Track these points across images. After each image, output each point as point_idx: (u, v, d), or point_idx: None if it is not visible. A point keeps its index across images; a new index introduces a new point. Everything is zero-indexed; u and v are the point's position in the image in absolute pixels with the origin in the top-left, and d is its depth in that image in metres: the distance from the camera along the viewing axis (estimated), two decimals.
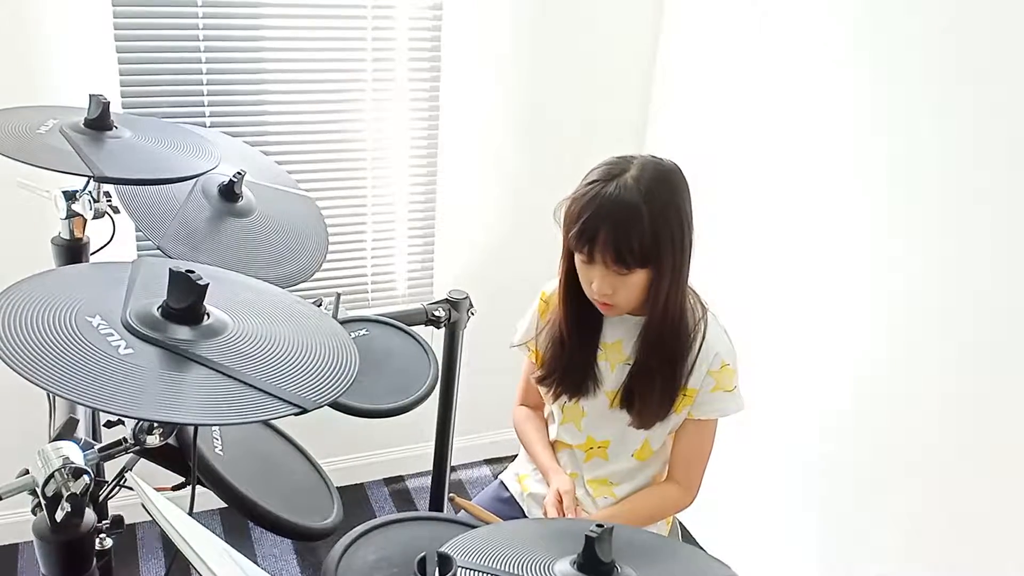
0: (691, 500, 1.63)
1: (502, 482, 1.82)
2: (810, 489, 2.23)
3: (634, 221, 1.35)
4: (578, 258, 1.45)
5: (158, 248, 1.29)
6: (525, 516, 1.73)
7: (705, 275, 1.59)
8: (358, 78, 2.43)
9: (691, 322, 1.51)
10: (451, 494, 1.72)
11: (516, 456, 1.85)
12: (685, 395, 1.54)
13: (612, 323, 1.57)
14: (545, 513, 1.56)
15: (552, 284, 1.64)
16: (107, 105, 1.35)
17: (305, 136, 2.45)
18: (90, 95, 1.36)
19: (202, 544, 0.86)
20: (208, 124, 2.30)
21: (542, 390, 1.67)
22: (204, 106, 2.29)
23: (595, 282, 1.43)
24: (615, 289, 1.43)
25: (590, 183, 1.40)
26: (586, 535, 0.90)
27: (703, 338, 1.51)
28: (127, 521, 1.08)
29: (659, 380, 1.51)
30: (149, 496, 0.90)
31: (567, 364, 1.58)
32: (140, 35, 2.19)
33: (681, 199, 1.42)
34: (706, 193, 2.40)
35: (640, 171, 1.39)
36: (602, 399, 1.59)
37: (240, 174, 1.43)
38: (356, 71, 2.42)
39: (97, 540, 1.05)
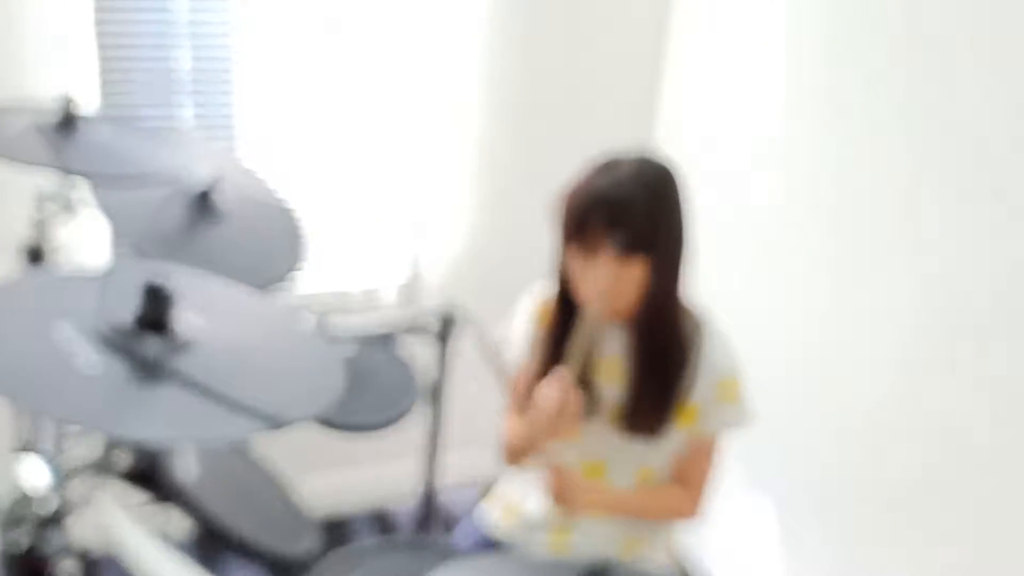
0: (696, 511, 1.61)
1: (482, 516, 1.76)
2: (816, 512, 2.19)
3: (631, 205, 1.36)
4: (573, 255, 1.43)
5: (132, 253, 1.27)
6: (509, 550, 1.67)
7: (713, 282, 1.56)
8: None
9: (689, 333, 1.49)
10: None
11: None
12: (687, 409, 1.51)
13: (607, 339, 1.54)
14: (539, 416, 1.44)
15: (543, 295, 1.60)
16: (81, 105, 1.34)
17: (288, 141, 2.41)
18: (64, 94, 1.35)
19: (170, 571, 0.81)
20: (188, 127, 2.26)
21: None
22: (185, 107, 2.25)
23: (591, 276, 1.41)
24: (611, 283, 1.40)
25: (585, 175, 1.41)
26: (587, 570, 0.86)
27: (704, 350, 1.48)
28: (93, 545, 1.03)
29: (655, 388, 1.49)
30: (115, 520, 0.86)
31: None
32: (121, 33, 2.15)
33: (677, 192, 1.43)
34: (710, 199, 2.37)
35: (637, 163, 1.40)
36: (600, 416, 1.56)
37: (218, 179, 1.40)
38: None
39: (60, 565, 1.01)
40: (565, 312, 1.52)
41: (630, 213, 1.35)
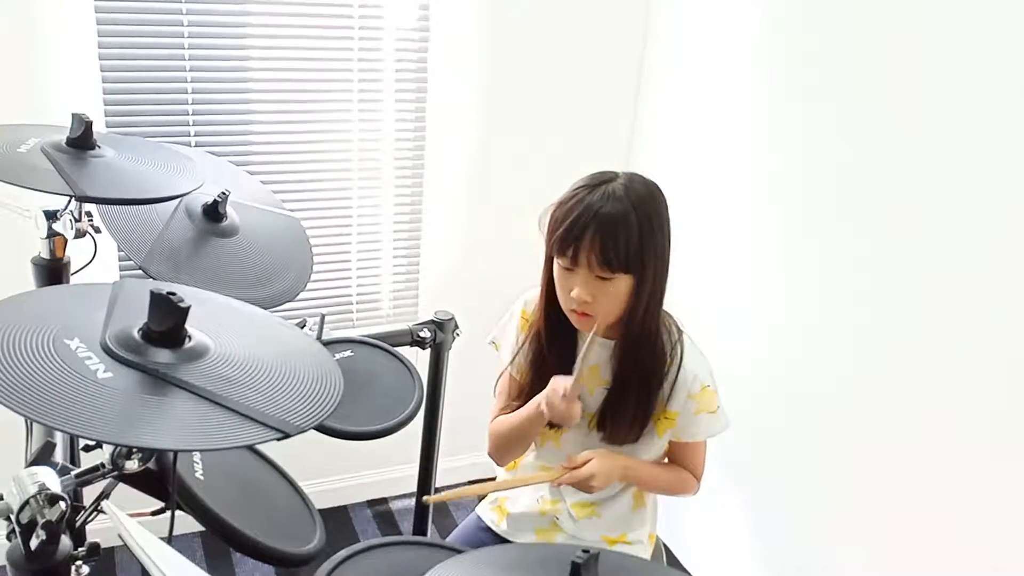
0: (698, 488, 1.66)
1: (479, 516, 1.80)
2: (797, 511, 2.22)
3: (622, 223, 1.38)
4: (559, 266, 1.45)
5: (140, 269, 1.28)
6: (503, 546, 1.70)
7: (687, 292, 1.59)
8: (344, 98, 2.43)
9: (667, 344, 1.52)
10: (424, 497, 1.68)
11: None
12: (666, 418, 1.54)
13: (591, 350, 1.57)
14: (550, 404, 1.48)
15: (533, 295, 1.62)
16: (90, 124, 1.33)
17: (290, 156, 2.44)
18: (72, 114, 1.34)
19: (180, 574, 0.84)
20: (193, 144, 2.29)
21: None
22: (189, 125, 2.28)
23: (576, 288, 1.42)
24: (595, 297, 1.42)
25: (577, 189, 1.43)
26: (572, 561, 0.89)
27: (681, 361, 1.52)
28: (105, 546, 1.05)
29: (634, 399, 1.52)
30: (125, 525, 0.89)
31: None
32: (125, 54, 2.18)
33: (664, 213, 1.46)
34: (691, 212, 2.42)
35: (627, 181, 1.42)
36: (581, 423, 1.59)
37: (224, 194, 1.42)
38: (342, 91, 2.42)
39: (73, 568, 1.03)
40: (550, 319, 1.55)
41: (620, 228, 1.38)
